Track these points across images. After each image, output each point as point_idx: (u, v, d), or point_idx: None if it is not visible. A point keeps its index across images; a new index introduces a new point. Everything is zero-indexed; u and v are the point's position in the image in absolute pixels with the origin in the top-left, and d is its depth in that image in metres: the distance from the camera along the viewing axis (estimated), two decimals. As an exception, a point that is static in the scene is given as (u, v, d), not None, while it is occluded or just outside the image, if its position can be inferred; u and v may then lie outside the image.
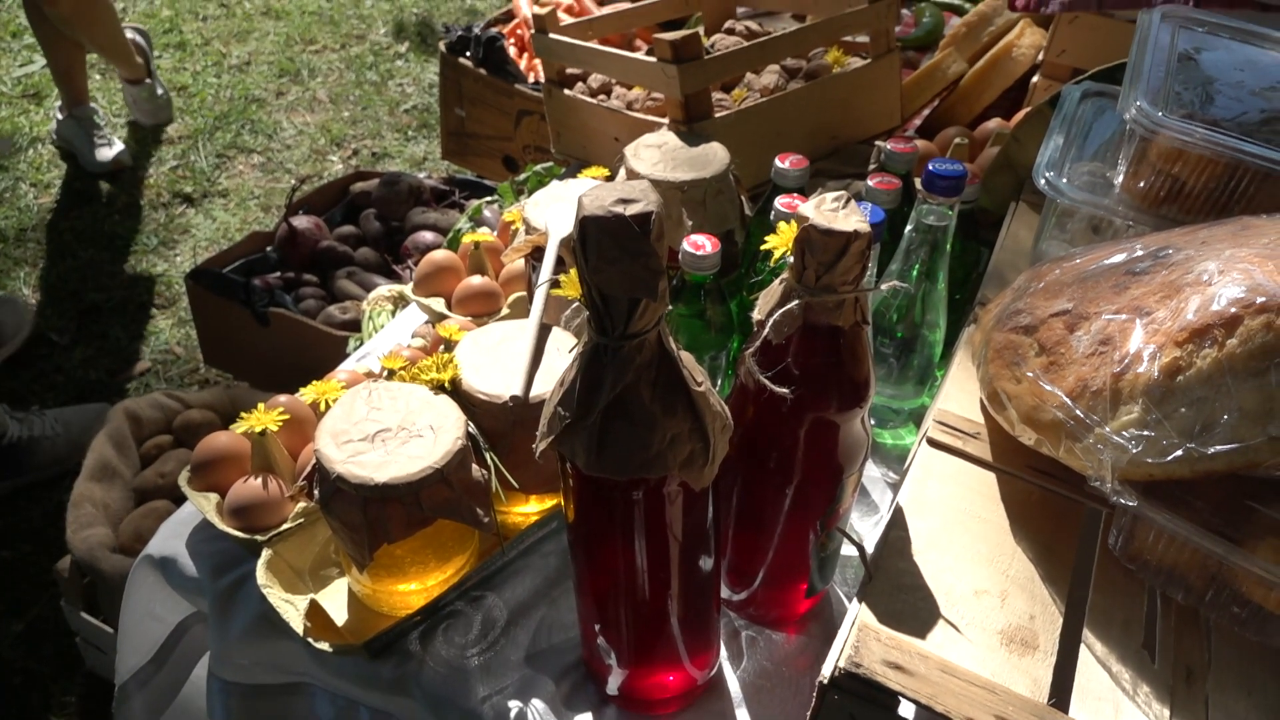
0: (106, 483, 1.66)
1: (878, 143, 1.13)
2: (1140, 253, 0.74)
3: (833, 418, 0.74)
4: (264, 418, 0.96)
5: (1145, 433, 0.63)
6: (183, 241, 2.71)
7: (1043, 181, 0.91)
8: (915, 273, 0.98)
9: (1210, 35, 0.98)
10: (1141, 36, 0.96)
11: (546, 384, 0.88)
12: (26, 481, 2.01)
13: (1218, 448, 0.61)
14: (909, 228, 0.97)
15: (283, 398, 1.01)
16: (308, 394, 0.99)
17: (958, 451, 0.80)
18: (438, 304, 1.23)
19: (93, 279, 2.56)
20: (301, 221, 2.12)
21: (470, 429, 0.87)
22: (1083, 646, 0.67)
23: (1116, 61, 1.15)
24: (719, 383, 1.04)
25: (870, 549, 0.74)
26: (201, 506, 0.96)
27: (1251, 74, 0.92)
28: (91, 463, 1.67)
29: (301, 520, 0.94)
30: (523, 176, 1.64)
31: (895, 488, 1.01)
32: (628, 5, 1.75)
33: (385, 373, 0.98)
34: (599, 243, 0.56)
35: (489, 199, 1.79)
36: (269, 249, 2.13)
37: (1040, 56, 1.46)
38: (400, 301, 1.60)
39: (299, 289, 2.02)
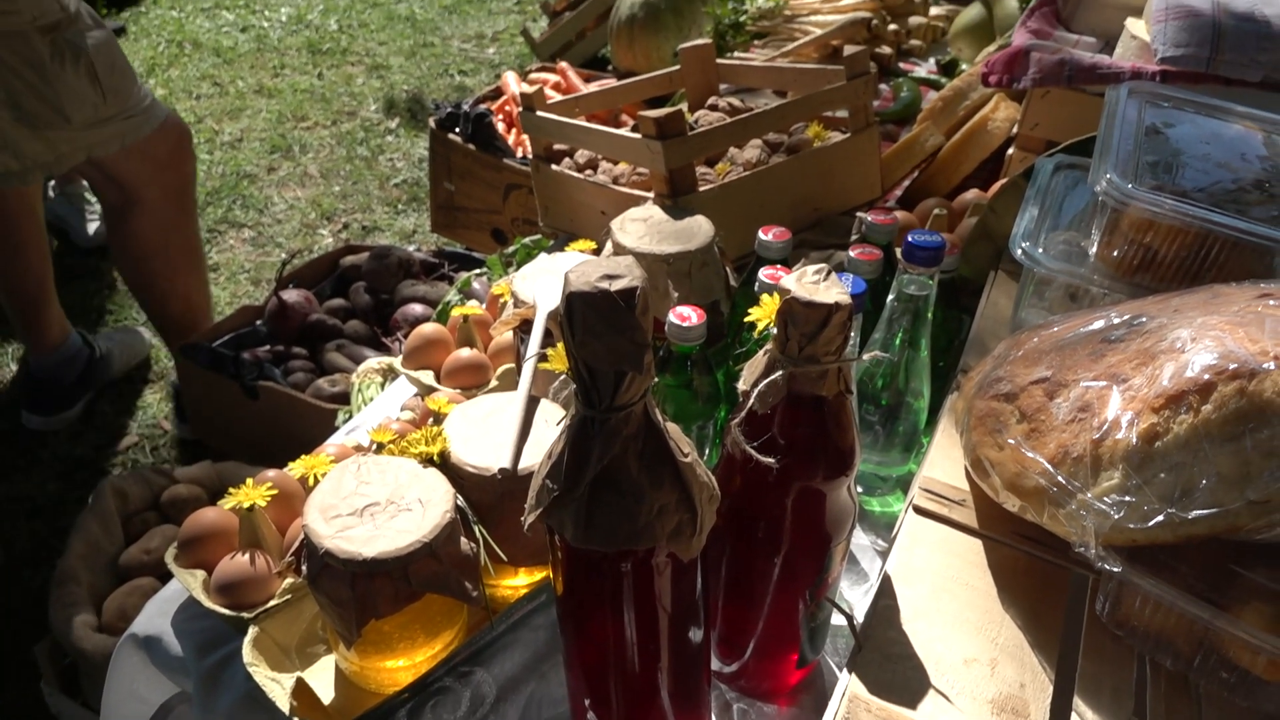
0: (91, 561, 1.64)
1: (859, 214, 1.16)
2: (1115, 321, 0.75)
3: (819, 486, 0.74)
4: (252, 493, 0.96)
5: (1126, 498, 0.64)
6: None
7: (1019, 252, 0.94)
8: (898, 341, 0.99)
9: (1175, 110, 1.02)
10: (1109, 112, 0.99)
11: (535, 456, 0.89)
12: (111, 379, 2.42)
13: (1198, 512, 0.62)
14: (891, 297, 0.99)
15: (271, 472, 1.01)
16: (296, 469, 0.99)
17: (944, 519, 0.81)
18: (427, 377, 1.24)
19: (82, 354, 2.56)
20: (292, 295, 2.13)
21: (459, 502, 0.87)
22: (1074, 715, 0.67)
23: (1088, 135, 1.18)
24: (707, 452, 1.05)
25: (860, 618, 0.74)
26: (188, 584, 0.95)
27: (1217, 146, 0.95)
28: (77, 541, 1.65)
29: (289, 597, 0.93)
30: (511, 249, 1.67)
31: (884, 555, 1.01)
32: (614, 83, 1.79)
33: (374, 446, 0.98)
34: (585, 317, 0.57)
35: (478, 271, 1.81)
36: (259, 323, 2.14)
37: (1015, 129, 1.50)
38: (390, 374, 1.61)
39: (288, 362, 2.03)
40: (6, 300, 2.23)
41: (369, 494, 0.85)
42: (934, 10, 2.33)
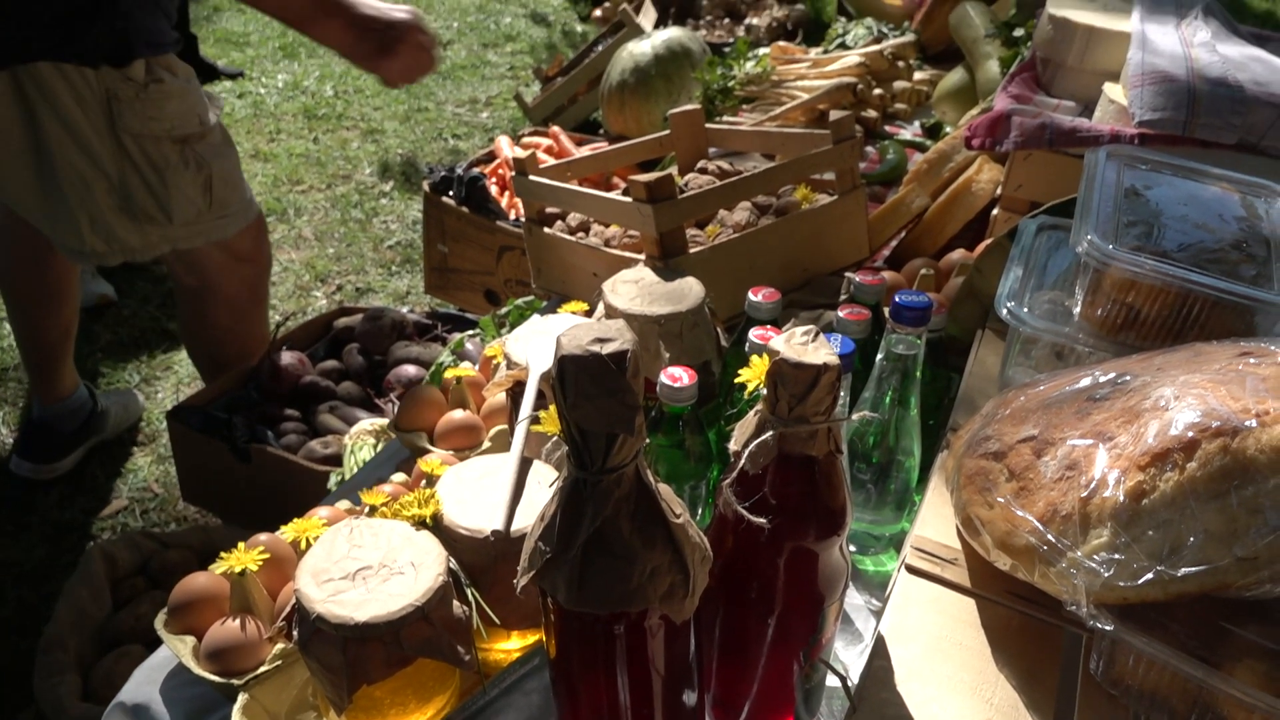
0: (79, 627, 1.62)
1: (847, 274, 1.18)
2: (1100, 379, 0.77)
3: (811, 546, 0.74)
4: (244, 557, 0.95)
5: (1116, 556, 0.64)
6: (165, 378, 2.72)
7: (1005, 311, 0.95)
8: (888, 400, 1.00)
9: (1153, 172, 1.04)
10: (1089, 174, 1.01)
11: (528, 518, 0.89)
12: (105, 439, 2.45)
13: (1187, 570, 0.63)
14: (880, 356, 1.00)
15: (263, 536, 1.01)
16: (288, 532, 0.99)
17: (937, 578, 0.81)
18: (420, 438, 1.24)
19: (73, 417, 2.55)
20: (285, 357, 2.14)
21: (451, 565, 0.87)
22: (1071, 776, 0.66)
23: (1070, 196, 1.21)
24: (700, 512, 1.05)
25: (854, 679, 0.74)
26: (177, 650, 0.95)
27: (1194, 208, 0.98)
28: (65, 608, 1.63)
29: (280, 662, 0.93)
30: (504, 310, 1.68)
31: (878, 615, 1.01)
32: (605, 147, 1.83)
33: (367, 509, 0.98)
34: (577, 380, 0.58)
35: (471, 332, 1.83)
36: (252, 385, 2.14)
37: (999, 191, 1.53)
38: (382, 436, 1.61)
39: (281, 424, 2.03)
40: (30, 348, 2.27)
41: (361, 557, 0.85)
42: (918, 75, 2.38)
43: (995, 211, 1.53)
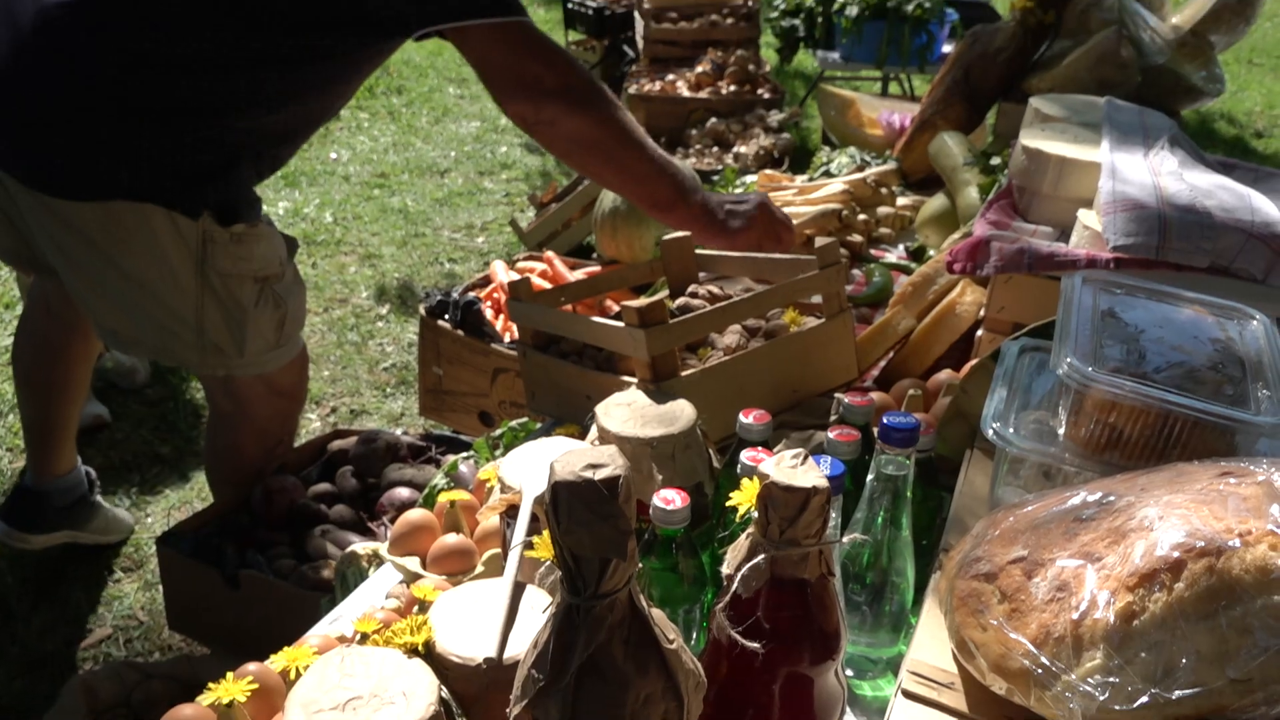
0: (55, 763, 1.57)
1: (837, 395, 1.20)
2: (1086, 500, 0.78)
3: (806, 671, 0.74)
4: (232, 688, 0.94)
5: (1110, 679, 0.64)
6: (155, 502, 2.71)
7: (991, 432, 0.97)
8: (880, 521, 1.01)
9: (1128, 296, 1.08)
10: (1066, 299, 1.05)
11: (521, 645, 0.88)
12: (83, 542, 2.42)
13: (1182, 692, 0.63)
14: (870, 477, 1.01)
15: (252, 666, 0.99)
16: (278, 661, 0.98)
17: (934, 703, 0.80)
18: (412, 563, 1.23)
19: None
20: (278, 480, 2.14)
21: (443, 694, 0.86)
22: None
23: (1051, 318, 1.24)
24: (695, 637, 1.04)
25: (853, 811, 0.72)
26: (160, 786, 0.92)
27: (1170, 330, 1.01)
28: (42, 741, 1.58)
29: (265, 798, 0.90)
30: (498, 432, 1.69)
31: (878, 743, 0.99)
32: (599, 272, 1.87)
33: (358, 636, 0.97)
34: (570, 506, 0.59)
35: (465, 455, 1.83)
36: (244, 509, 2.13)
37: (982, 312, 1.57)
38: (375, 560, 1.60)
39: (272, 549, 2.01)
40: (35, 425, 2.27)
41: (352, 687, 0.84)
42: (901, 201, 2.46)
43: (980, 333, 1.56)
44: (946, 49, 4.54)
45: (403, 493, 2.11)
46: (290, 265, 1.95)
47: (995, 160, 2.13)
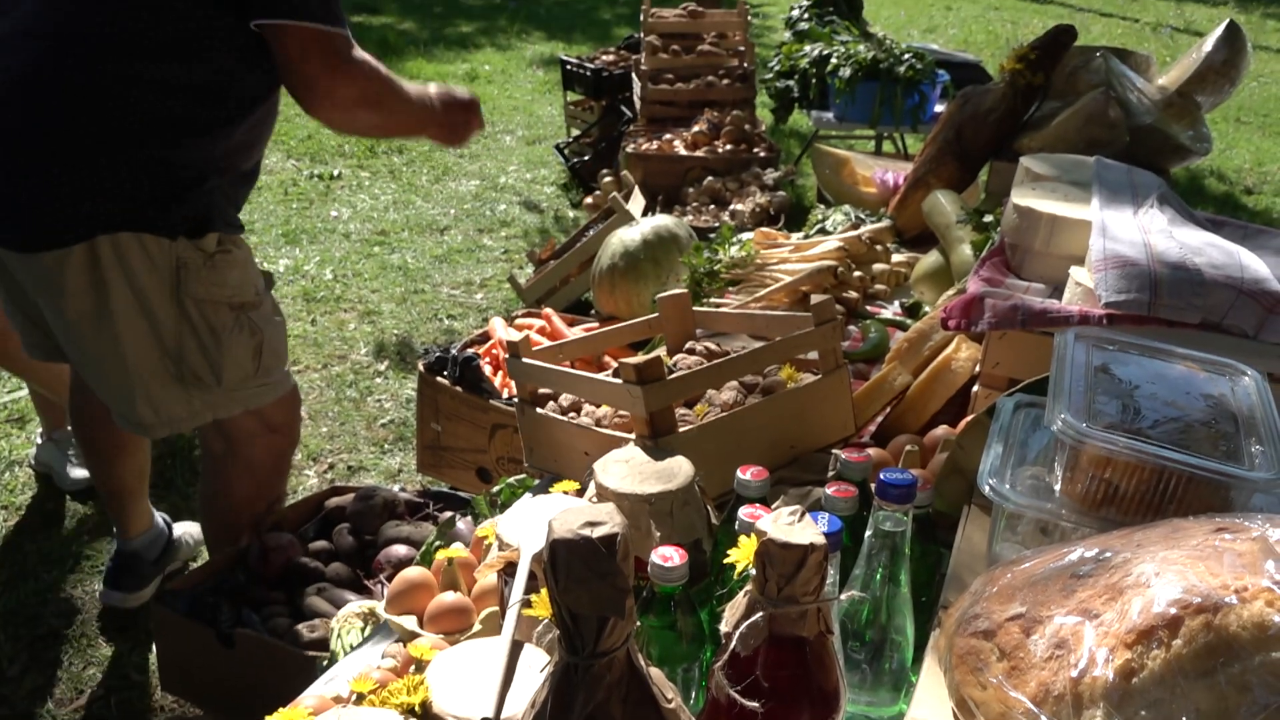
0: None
1: (834, 451, 1.20)
2: (1084, 555, 0.78)
3: (806, 731, 0.74)
4: (226, 749, 0.93)
5: (1111, 738, 0.64)
6: (151, 560, 2.69)
7: (987, 488, 0.97)
8: (878, 577, 1.01)
9: (1120, 352, 1.09)
10: (1059, 355, 1.06)
11: (519, 704, 0.88)
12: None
13: (1183, 751, 0.62)
14: (868, 533, 1.01)
15: (246, 727, 0.98)
16: (273, 723, 0.97)
17: (935, 763, 0.80)
18: (410, 622, 1.23)
19: (54, 602, 2.50)
20: (274, 538, 2.13)
21: (440, 755, 0.85)
22: None
23: (1047, 373, 1.25)
24: (694, 696, 1.03)
25: None
26: None
27: (1162, 386, 1.02)
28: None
29: None
30: (497, 489, 1.69)
31: (879, 805, 0.98)
32: (597, 328, 1.89)
33: (354, 696, 0.96)
34: (568, 564, 0.59)
35: (463, 512, 1.83)
36: (239, 567, 2.12)
37: (978, 368, 1.58)
38: (371, 619, 1.59)
39: (268, 607, 1.99)
40: (108, 489, 2.37)
41: (348, 748, 0.83)
42: (895, 258, 2.49)
43: (975, 388, 1.57)
44: (939, 109, 4.62)
45: (400, 550, 2.10)
46: (268, 297, 1.99)
47: (988, 218, 2.15)
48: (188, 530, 2.63)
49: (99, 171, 1.71)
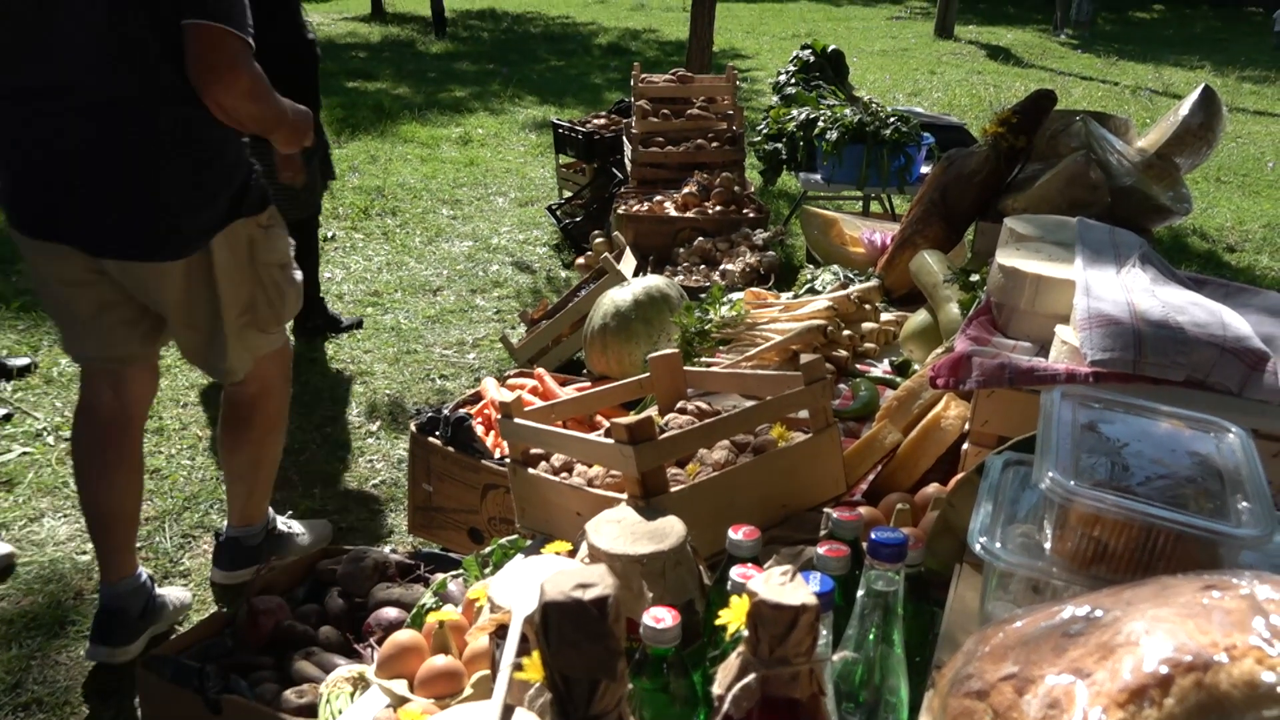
0: None
1: (825, 510, 1.21)
2: (1074, 614, 0.78)
3: (800, 795, 0.73)
4: (212, 819, 0.91)
5: (1105, 799, 0.63)
6: (136, 627, 2.65)
7: (978, 547, 0.98)
8: (871, 637, 1.00)
9: (1106, 410, 1.10)
10: (1046, 413, 1.07)
11: (510, 770, 0.87)
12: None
13: (1178, 812, 0.62)
14: (860, 592, 1.01)
15: (234, 796, 0.97)
16: (261, 790, 0.95)
17: (931, 827, 0.79)
18: (400, 686, 1.21)
19: (37, 670, 2.46)
20: (263, 601, 2.11)
21: (430, 823, 0.84)
22: None
23: (1035, 431, 1.26)
24: (687, 761, 1.02)
25: None
26: None
27: (1148, 444, 1.03)
28: None
29: None
30: (488, 550, 1.68)
31: None
32: (589, 387, 1.90)
33: (343, 763, 0.95)
34: (560, 626, 0.59)
35: (454, 573, 1.82)
36: (227, 631, 2.09)
37: (967, 426, 1.59)
38: (361, 684, 1.57)
39: (256, 673, 1.97)
40: (105, 517, 2.47)
41: (337, 817, 0.82)
42: (884, 316, 2.52)
43: (965, 446, 1.58)
44: (925, 169, 4.70)
45: (390, 613, 2.08)
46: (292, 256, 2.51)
47: (974, 277, 2.19)
48: (172, 594, 2.64)
49: (203, 191, 2.21)
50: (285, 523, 2.93)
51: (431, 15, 14.74)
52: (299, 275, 2.52)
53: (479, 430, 2.56)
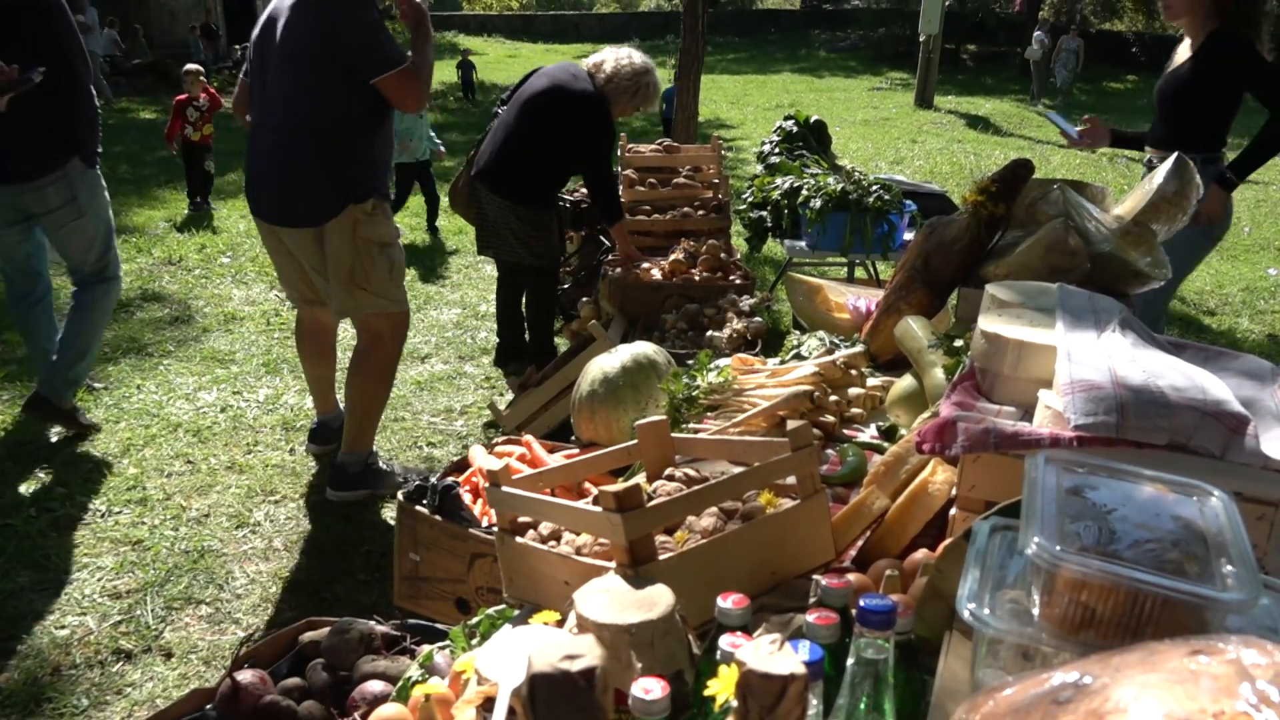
0: None
1: (815, 577, 1.20)
2: (1063, 681, 0.78)
3: None
4: None
5: None
6: (115, 703, 2.60)
7: (966, 614, 0.97)
8: (862, 707, 0.99)
9: (1091, 475, 1.11)
10: (1030, 479, 1.08)
11: None
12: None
13: None
14: (850, 661, 1.00)
15: None
16: None
17: None
18: (385, 762, 1.19)
19: (12, 746, 2.41)
20: (246, 676, 2.06)
21: None
22: None
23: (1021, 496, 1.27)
24: (677, 837, 1.00)
25: None
26: None
27: (1132, 508, 1.03)
28: None
29: None
30: (475, 620, 1.66)
31: None
32: (576, 454, 1.90)
33: (326, 843, 0.93)
34: (548, 699, 0.59)
35: (441, 644, 1.79)
36: (209, 707, 2.05)
37: (954, 491, 1.59)
38: (344, 760, 1.54)
39: (236, 750, 1.92)
40: (319, 381, 4.01)
41: None
42: (871, 382, 2.53)
43: (953, 511, 1.58)
44: (908, 235, 4.77)
45: (375, 686, 2.04)
46: (398, 241, 3.55)
47: (958, 342, 2.21)
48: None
49: (345, 176, 3.33)
50: (385, 462, 3.77)
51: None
52: (398, 255, 3.50)
53: (467, 498, 2.55)
